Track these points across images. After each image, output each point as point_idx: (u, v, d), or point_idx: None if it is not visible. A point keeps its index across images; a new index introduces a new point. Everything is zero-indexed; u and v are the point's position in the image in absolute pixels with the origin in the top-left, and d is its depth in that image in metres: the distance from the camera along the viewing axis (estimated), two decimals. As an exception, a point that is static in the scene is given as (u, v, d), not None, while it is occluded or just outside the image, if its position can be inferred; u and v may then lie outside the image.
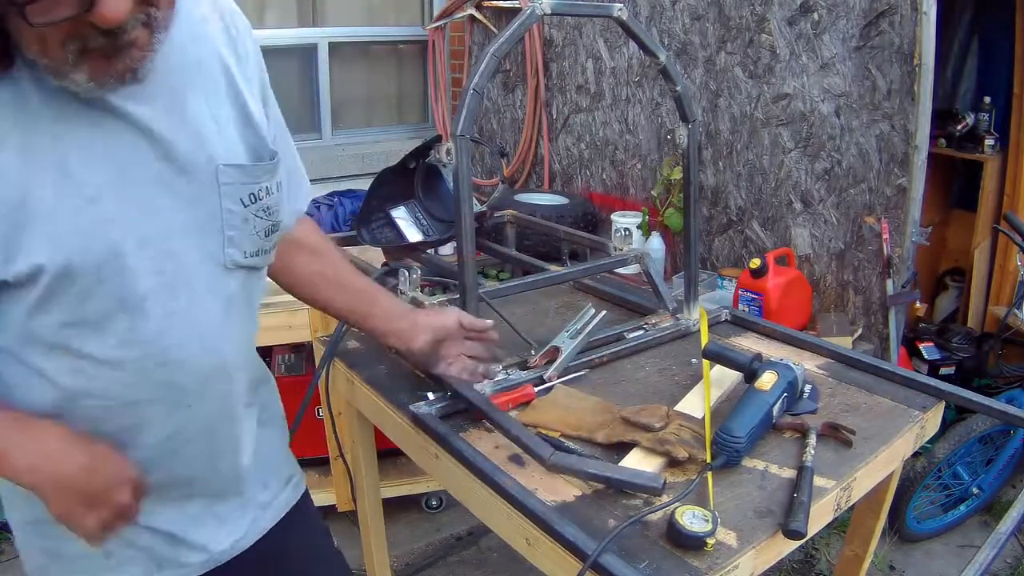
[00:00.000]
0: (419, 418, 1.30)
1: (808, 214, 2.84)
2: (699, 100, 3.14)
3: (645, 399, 1.38)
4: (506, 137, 4.34)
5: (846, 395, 1.42)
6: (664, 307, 1.73)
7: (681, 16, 3.17)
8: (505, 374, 1.43)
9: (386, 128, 4.71)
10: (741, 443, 1.16)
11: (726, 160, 3.09)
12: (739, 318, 1.75)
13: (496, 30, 4.06)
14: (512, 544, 1.14)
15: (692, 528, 0.99)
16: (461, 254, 1.32)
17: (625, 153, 3.60)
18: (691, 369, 1.52)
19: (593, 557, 0.95)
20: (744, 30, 2.92)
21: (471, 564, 2.54)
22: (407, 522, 2.70)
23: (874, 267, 2.67)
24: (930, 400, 1.40)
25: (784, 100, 2.83)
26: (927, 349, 3.02)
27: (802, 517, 1.04)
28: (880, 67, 2.52)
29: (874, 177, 2.61)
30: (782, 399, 1.26)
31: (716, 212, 3.17)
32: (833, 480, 1.16)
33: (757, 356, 1.36)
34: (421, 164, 2.10)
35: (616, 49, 3.54)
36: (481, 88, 1.25)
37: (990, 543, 1.16)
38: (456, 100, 4.44)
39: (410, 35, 4.62)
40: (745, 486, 1.15)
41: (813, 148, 2.77)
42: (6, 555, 2.47)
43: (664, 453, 1.17)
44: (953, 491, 2.58)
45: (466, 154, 1.26)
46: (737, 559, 1.00)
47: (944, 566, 2.48)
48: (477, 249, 1.58)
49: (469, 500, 1.24)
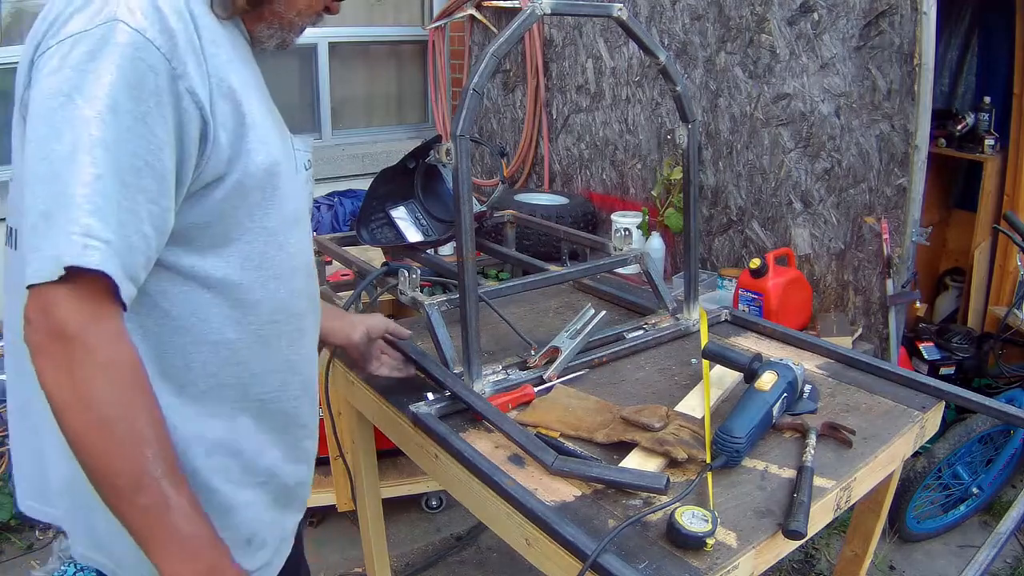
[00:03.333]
0: (419, 418, 1.30)
1: (808, 214, 2.84)
2: (699, 100, 3.14)
3: (645, 399, 1.38)
4: (506, 137, 4.34)
5: (846, 395, 1.42)
6: (664, 307, 1.73)
7: (681, 16, 3.17)
8: (505, 374, 1.43)
9: (386, 128, 4.71)
10: (741, 443, 1.16)
11: (726, 160, 3.09)
12: (739, 318, 1.75)
13: (496, 30, 4.06)
14: (512, 544, 1.14)
15: (692, 528, 0.99)
16: (461, 254, 1.32)
17: (625, 153, 3.60)
18: (691, 369, 1.51)
19: (593, 557, 0.95)
20: (744, 30, 2.92)
21: (471, 564, 2.53)
22: (407, 522, 2.70)
23: (874, 267, 2.67)
24: (930, 400, 1.40)
25: (784, 100, 2.83)
26: (927, 349, 3.02)
27: (802, 517, 1.04)
28: (880, 67, 2.52)
29: (874, 177, 2.61)
30: (782, 399, 1.26)
31: (716, 212, 3.17)
32: (833, 480, 1.16)
33: (757, 356, 1.36)
34: (421, 164, 2.10)
35: (616, 49, 3.53)
36: (481, 88, 1.25)
37: (990, 543, 1.16)
38: (456, 100, 4.44)
39: (410, 35, 4.62)
40: (745, 486, 1.15)
41: (813, 148, 2.77)
42: (6, 555, 2.48)
43: (664, 453, 1.17)
44: (953, 491, 2.58)
45: (466, 154, 1.26)
46: (737, 559, 1.00)
47: (944, 566, 2.48)
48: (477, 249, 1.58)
49: (469, 500, 1.24)
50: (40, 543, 2.52)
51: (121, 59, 0.81)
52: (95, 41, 0.81)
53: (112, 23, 0.82)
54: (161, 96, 0.83)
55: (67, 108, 0.79)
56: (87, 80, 0.80)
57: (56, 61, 0.82)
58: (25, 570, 2.34)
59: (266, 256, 0.97)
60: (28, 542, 2.53)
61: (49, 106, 0.80)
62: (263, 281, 0.97)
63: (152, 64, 0.83)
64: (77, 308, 0.78)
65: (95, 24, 0.82)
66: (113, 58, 0.81)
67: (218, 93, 0.89)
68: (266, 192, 0.96)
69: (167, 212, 0.86)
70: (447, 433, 1.26)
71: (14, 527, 2.54)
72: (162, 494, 0.80)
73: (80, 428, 0.78)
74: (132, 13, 0.83)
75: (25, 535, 2.55)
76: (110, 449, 0.79)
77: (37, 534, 2.56)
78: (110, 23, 0.82)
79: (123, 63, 0.81)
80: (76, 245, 0.77)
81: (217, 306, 0.94)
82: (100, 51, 0.81)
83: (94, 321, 0.79)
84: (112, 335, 0.81)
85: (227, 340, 0.96)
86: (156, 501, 0.80)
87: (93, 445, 0.78)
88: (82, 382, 0.78)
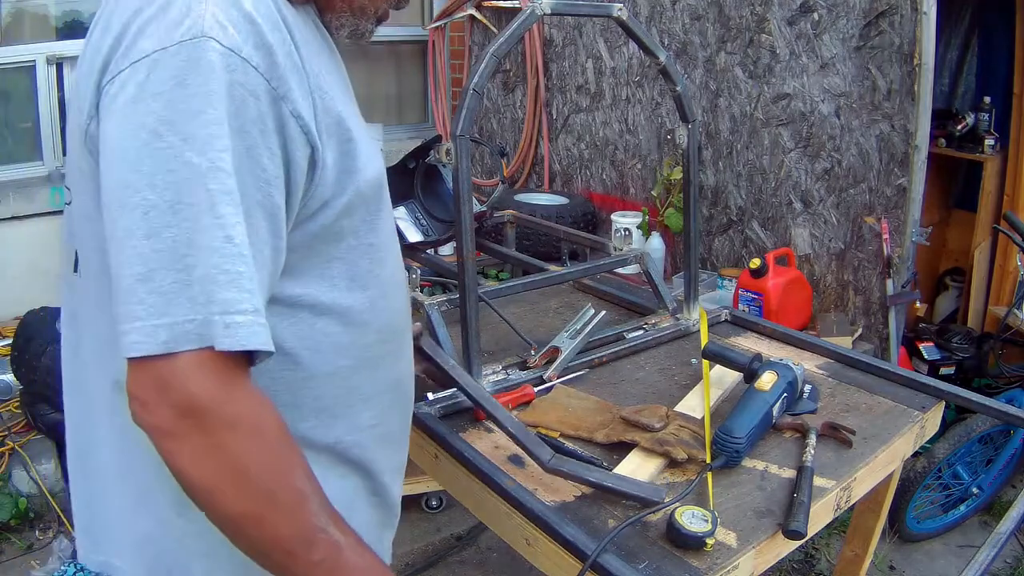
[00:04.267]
0: (419, 418, 1.30)
1: (808, 214, 2.84)
2: (699, 100, 3.14)
3: (645, 399, 1.38)
4: (506, 137, 4.34)
5: (846, 395, 1.42)
6: (664, 307, 1.72)
7: (681, 16, 3.17)
8: (505, 374, 1.43)
9: (386, 128, 4.70)
10: (741, 443, 1.16)
11: (726, 160, 3.09)
12: (739, 318, 1.75)
13: (496, 30, 4.06)
14: (512, 544, 1.14)
15: (692, 528, 0.99)
16: (461, 254, 1.32)
17: (625, 153, 3.60)
18: (691, 369, 1.51)
19: (593, 557, 0.95)
20: (744, 30, 2.92)
21: (471, 564, 2.53)
22: (407, 522, 2.70)
23: (874, 267, 2.67)
24: (930, 400, 1.40)
25: (784, 100, 2.83)
26: (927, 349, 3.01)
27: (802, 517, 1.04)
28: (880, 67, 2.52)
29: (874, 177, 2.61)
30: (782, 399, 1.26)
31: (716, 212, 3.17)
32: (833, 480, 1.16)
33: (757, 356, 1.36)
34: (421, 164, 2.09)
35: (616, 49, 3.53)
36: (481, 88, 1.25)
37: (990, 543, 1.16)
38: (456, 100, 4.44)
39: (410, 35, 4.62)
40: (745, 486, 1.15)
41: (813, 148, 2.77)
42: (6, 555, 2.48)
43: (663, 454, 1.17)
44: (953, 491, 2.58)
45: (466, 154, 1.26)
46: (737, 559, 1.00)
47: (944, 566, 2.48)
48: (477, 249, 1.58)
49: (469, 500, 1.24)
50: (40, 543, 2.52)
51: (216, 85, 0.69)
52: (181, 64, 0.68)
53: (200, 41, 0.68)
54: (265, 123, 0.72)
55: (157, 148, 0.67)
56: (178, 113, 0.68)
57: (133, 88, 0.69)
58: (25, 570, 2.34)
59: (371, 274, 0.88)
60: (28, 542, 2.53)
61: (132, 146, 0.68)
62: (371, 300, 0.89)
63: (252, 88, 0.71)
64: (204, 377, 0.67)
65: (177, 40, 0.69)
66: (207, 85, 0.68)
67: (322, 110, 0.77)
68: (371, 207, 0.86)
69: (280, 253, 0.76)
70: (447, 433, 1.26)
71: (14, 527, 2.54)
72: (333, 542, 0.74)
73: (239, 510, 0.69)
74: (223, 28, 0.69)
75: (25, 535, 2.55)
76: (277, 520, 0.70)
77: (37, 534, 2.56)
78: (197, 41, 0.68)
79: (219, 90, 0.69)
80: (217, 325, 0.67)
81: (328, 334, 0.85)
82: (189, 76, 0.68)
83: (228, 387, 0.68)
84: (250, 398, 0.71)
85: (340, 369, 0.87)
86: (330, 551, 0.73)
87: (257, 522, 0.70)
88: (231, 461, 0.68)
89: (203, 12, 0.69)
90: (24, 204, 3.45)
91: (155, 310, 0.67)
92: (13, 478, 2.58)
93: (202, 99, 0.68)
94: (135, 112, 0.68)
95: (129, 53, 0.70)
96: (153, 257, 0.67)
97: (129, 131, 0.68)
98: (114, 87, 0.70)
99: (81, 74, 0.77)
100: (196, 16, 0.69)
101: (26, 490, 2.58)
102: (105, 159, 0.70)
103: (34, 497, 2.59)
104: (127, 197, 0.68)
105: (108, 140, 0.70)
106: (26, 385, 2.71)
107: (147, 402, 0.67)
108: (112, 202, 0.69)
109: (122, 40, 0.72)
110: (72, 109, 0.80)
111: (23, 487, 2.58)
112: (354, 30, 0.92)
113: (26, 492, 2.58)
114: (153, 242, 0.67)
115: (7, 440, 2.68)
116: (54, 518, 2.59)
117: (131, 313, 0.67)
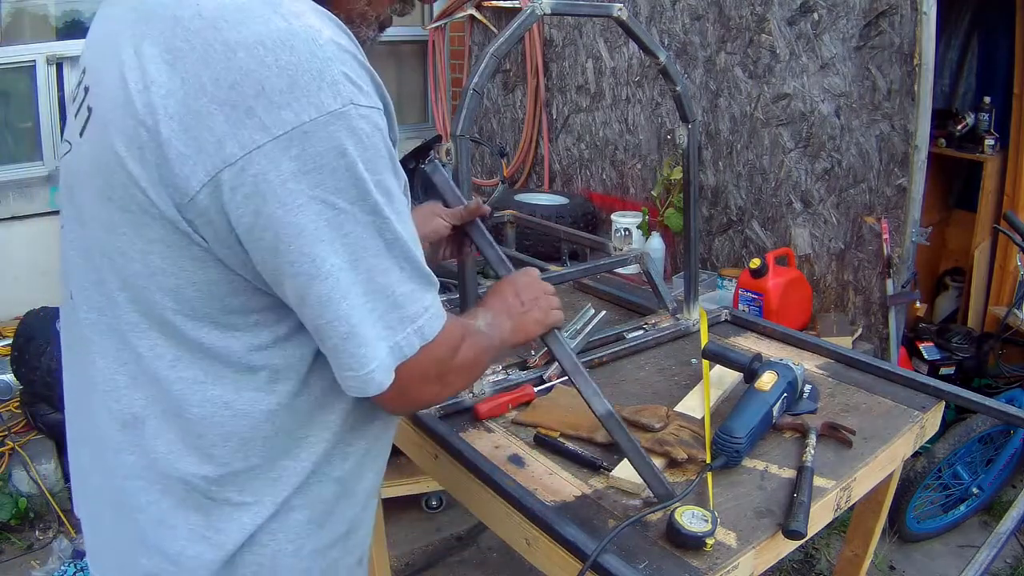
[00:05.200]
0: (419, 418, 1.30)
1: (808, 214, 2.84)
2: (699, 100, 3.14)
3: (645, 399, 1.38)
4: (506, 137, 4.34)
5: (846, 395, 1.42)
6: (664, 307, 1.73)
7: (681, 16, 3.17)
8: (505, 374, 1.43)
9: (386, 128, 4.71)
10: (741, 443, 1.16)
11: (726, 160, 3.09)
12: (739, 318, 1.75)
13: (496, 30, 4.06)
14: (512, 544, 1.14)
15: (692, 528, 0.99)
16: (461, 254, 1.32)
17: (625, 153, 3.60)
18: (691, 369, 1.51)
19: (593, 557, 0.95)
20: (744, 30, 2.92)
21: (471, 564, 2.54)
22: (407, 522, 2.70)
23: (874, 267, 2.67)
24: (930, 400, 1.40)
25: (784, 100, 2.83)
26: (927, 349, 3.01)
27: (802, 517, 1.04)
28: (880, 67, 2.52)
29: (874, 177, 2.61)
30: (782, 399, 1.26)
31: (716, 212, 3.17)
32: (833, 480, 1.16)
33: (757, 356, 1.36)
34: (420, 164, 2.09)
35: (616, 49, 3.53)
36: (481, 88, 1.25)
37: (990, 543, 1.16)
38: (456, 100, 4.44)
39: (410, 35, 4.61)
40: (745, 486, 1.15)
41: (813, 148, 2.77)
42: (6, 555, 2.48)
43: (663, 454, 1.17)
44: (953, 491, 2.58)
45: (466, 154, 1.26)
46: (737, 559, 1.00)
47: (944, 566, 2.48)
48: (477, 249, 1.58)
49: (469, 500, 1.24)
50: (40, 543, 2.52)
51: (372, 141, 0.76)
52: (338, 135, 0.73)
53: (349, 110, 0.73)
54: (389, 148, 0.80)
55: (339, 219, 0.74)
56: (354, 184, 0.74)
57: (291, 163, 0.72)
58: (25, 570, 2.34)
59: None
60: (28, 542, 2.53)
61: (315, 225, 0.73)
62: None
63: (381, 127, 0.78)
64: (434, 357, 0.86)
65: (327, 112, 0.72)
66: (365, 145, 0.75)
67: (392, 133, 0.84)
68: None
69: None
70: (447, 433, 1.26)
71: (14, 527, 2.54)
72: (498, 331, 1.03)
73: (480, 371, 1.16)
74: (361, 91, 0.75)
75: (25, 535, 2.55)
76: (487, 360, 1.02)
77: (37, 534, 2.57)
78: (347, 109, 0.73)
79: (374, 144, 0.76)
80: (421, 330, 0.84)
81: None
82: (349, 145, 0.73)
83: (444, 355, 0.88)
84: (452, 338, 0.89)
85: None
86: (501, 334, 1.03)
87: (484, 365, 1.06)
88: (469, 372, 0.97)
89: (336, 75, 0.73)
90: (24, 204, 3.45)
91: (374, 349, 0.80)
92: (13, 478, 2.58)
93: (365, 164, 0.75)
94: (304, 188, 0.72)
95: (265, 125, 0.71)
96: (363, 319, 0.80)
97: (297, 207, 0.73)
98: (257, 161, 0.71)
99: (122, 114, 0.75)
100: (341, 85, 0.73)
101: (26, 490, 2.59)
102: (288, 237, 0.74)
103: (34, 497, 2.59)
104: (318, 268, 0.75)
105: (273, 218, 0.73)
106: (26, 385, 2.71)
107: (399, 406, 0.91)
108: (301, 274, 0.75)
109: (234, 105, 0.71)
110: (99, 144, 0.78)
111: (23, 487, 2.59)
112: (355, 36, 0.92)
113: (26, 492, 2.58)
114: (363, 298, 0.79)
115: (7, 440, 2.68)
116: (54, 518, 2.59)
117: (360, 359, 0.79)
